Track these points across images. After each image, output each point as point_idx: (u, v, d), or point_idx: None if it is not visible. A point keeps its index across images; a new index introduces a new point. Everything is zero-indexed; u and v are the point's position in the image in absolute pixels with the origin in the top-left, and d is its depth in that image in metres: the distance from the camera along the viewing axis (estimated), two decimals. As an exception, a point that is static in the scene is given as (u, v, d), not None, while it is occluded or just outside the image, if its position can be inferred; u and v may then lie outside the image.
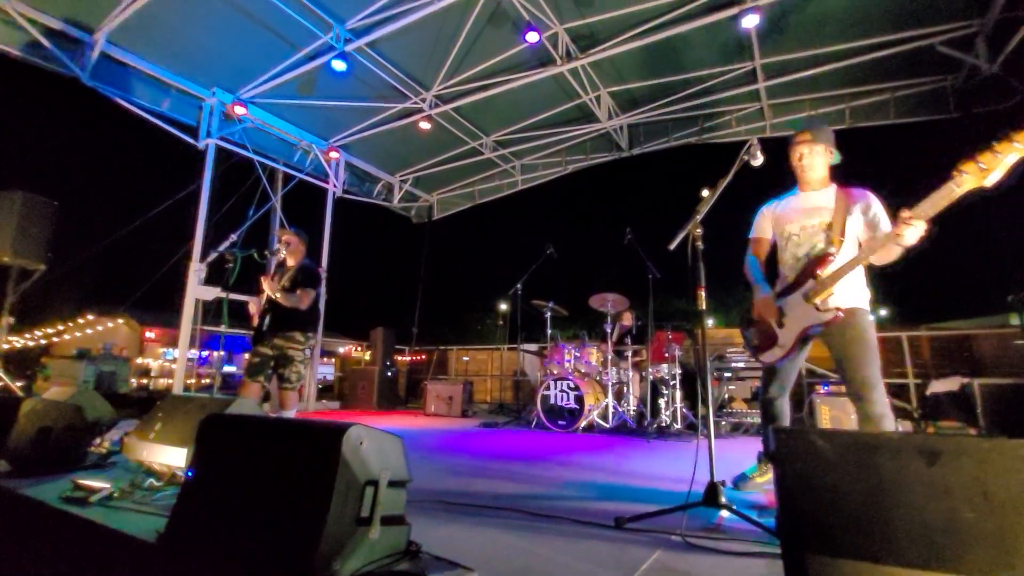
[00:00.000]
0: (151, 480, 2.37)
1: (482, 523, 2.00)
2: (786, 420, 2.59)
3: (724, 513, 2.00)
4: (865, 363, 2.18)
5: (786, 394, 2.57)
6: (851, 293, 2.30)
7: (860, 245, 2.33)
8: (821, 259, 2.31)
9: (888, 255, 2.14)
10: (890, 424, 2.13)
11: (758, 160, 2.43)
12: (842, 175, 2.58)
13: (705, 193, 2.27)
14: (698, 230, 2.21)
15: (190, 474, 1.58)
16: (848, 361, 2.23)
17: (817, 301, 2.26)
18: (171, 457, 2.35)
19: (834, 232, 2.33)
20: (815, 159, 2.47)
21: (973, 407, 5.48)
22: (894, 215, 2.03)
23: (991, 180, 1.76)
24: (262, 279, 3.76)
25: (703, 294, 2.20)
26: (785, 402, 2.58)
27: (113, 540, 1.68)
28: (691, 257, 2.20)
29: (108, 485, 2.20)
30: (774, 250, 2.66)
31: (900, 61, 6.33)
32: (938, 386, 5.98)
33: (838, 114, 7.39)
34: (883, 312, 27.99)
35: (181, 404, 2.58)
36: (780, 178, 2.69)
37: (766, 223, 2.66)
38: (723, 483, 2.03)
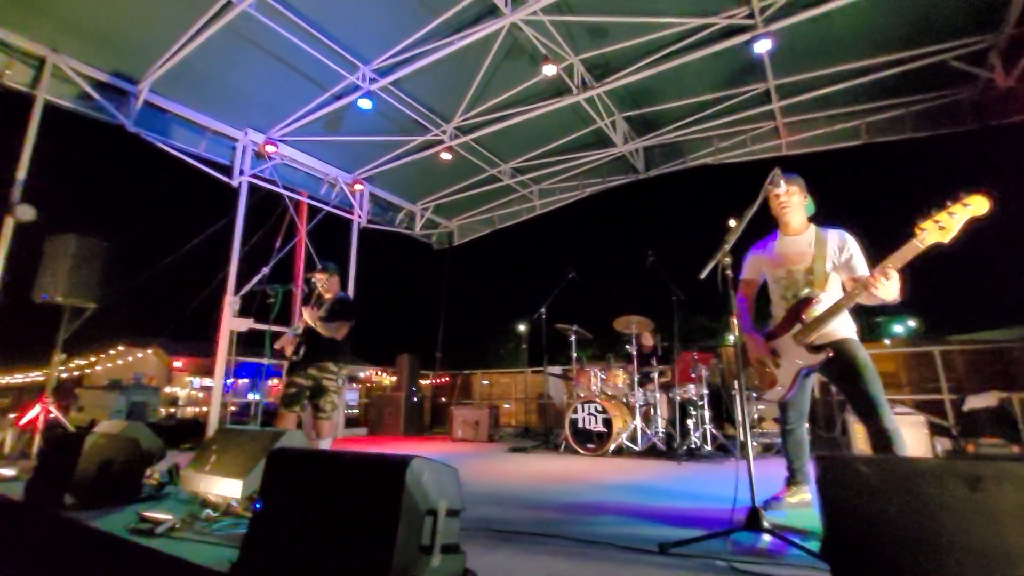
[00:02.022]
0: (208, 511, 2.49)
1: (529, 550, 2.06)
2: (806, 445, 2.73)
3: (767, 537, 2.03)
4: (867, 382, 2.29)
5: (804, 420, 2.70)
6: (838, 327, 2.44)
7: (843, 286, 2.49)
8: (806, 303, 2.47)
9: (874, 299, 2.25)
10: (901, 438, 2.21)
11: (781, 188, 2.52)
12: (862, 193, 2.70)
13: (732, 223, 2.35)
14: (727, 259, 2.29)
15: (258, 506, 1.68)
16: (850, 385, 2.36)
17: (807, 342, 2.42)
18: (227, 488, 2.46)
19: (816, 276, 2.49)
20: (793, 202, 2.61)
21: (1015, 423, 5.36)
22: (873, 250, 2.19)
23: (949, 238, 1.97)
24: (303, 309, 3.92)
25: (736, 322, 2.28)
26: (804, 428, 2.71)
27: (186, 571, 1.78)
28: (722, 286, 2.28)
29: (170, 516, 2.32)
30: (764, 288, 2.82)
31: (915, 76, 6.36)
32: (975, 401, 5.85)
33: (854, 130, 7.43)
34: (911, 323, 27.34)
35: (234, 437, 2.71)
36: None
37: (756, 266, 2.82)
38: (765, 508, 2.07)
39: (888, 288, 2.12)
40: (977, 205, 1.94)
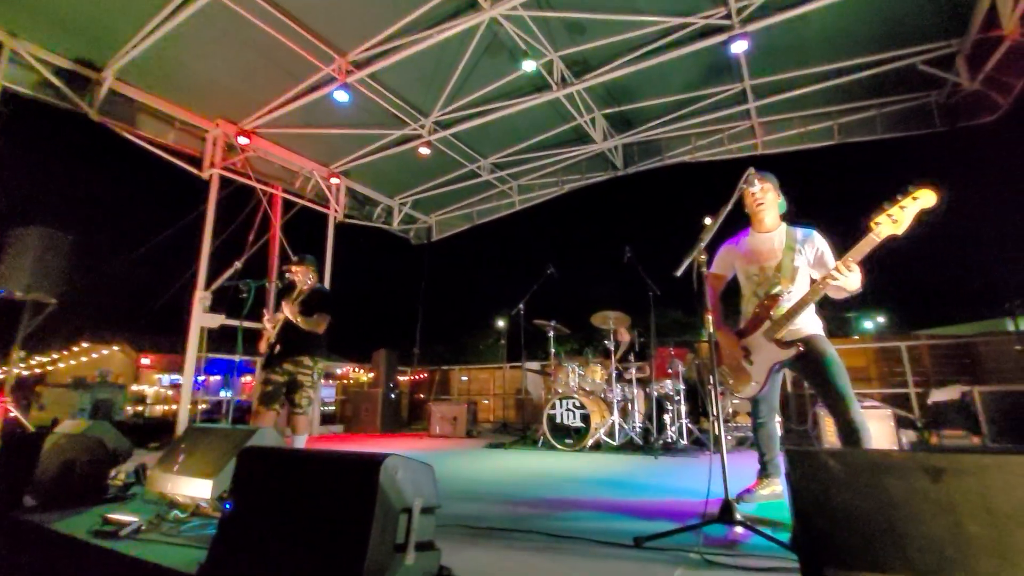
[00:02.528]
0: (176, 512, 2.42)
1: (505, 546, 2.06)
2: (777, 438, 2.81)
3: (739, 529, 2.06)
4: (836, 376, 2.37)
5: (775, 414, 2.78)
6: (806, 324, 2.51)
7: (812, 281, 2.56)
8: (773, 299, 2.54)
9: (840, 292, 2.33)
10: (867, 431, 2.28)
11: (756, 187, 2.56)
12: (833, 193, 2.77)
13: (707, 221, 2.38)
14: (703, 256, 2.31)
15: (228, 506, 1.64)
16: (819, 379, 2.43)
17: (777, 338, 2.49)
18: (196, 489, 2.39)
19: (783, 274, 2.56)
20: (767, 199, 2.67)
21: (975, 415, 5.56)
22: (846, 246, 2.26)
23: (902, 229, 2.09)
24: (283, 304, 3.84)
25: (711, 318, 2.30)
26: (775, 422, 2.79)
27: (151, 574, 1.73)
28: (696, 283, 2.31)
29: (136, 518, 2.25)
30: (733, 284, 2.89)
31: (886, 79, 6.55)
32: (939, 395, 6.07)
33: (827, 130, 7.60)
34: (880, 319, 28.22)
35: (203, 436, 2.64)
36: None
37: (728, 260, 2.87)
38: (737, 500, 2.10)
39: (850, 280, 2.22)
40: (925, 198, 2.05)
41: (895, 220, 2.07)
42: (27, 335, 4.73)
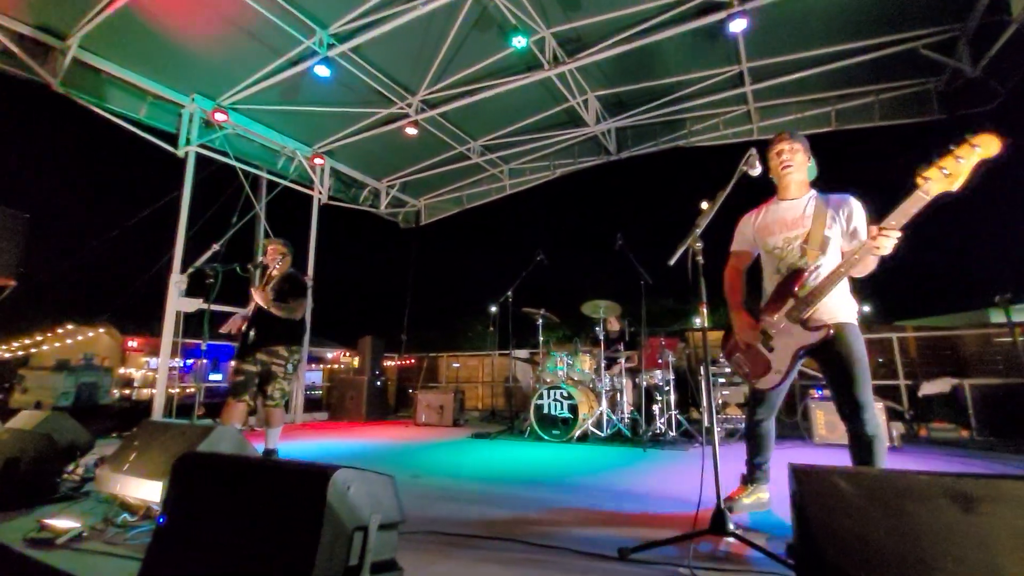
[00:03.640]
0: (124, 516, 2.24)
1: (480, 557, 1.90)
2: (772, 440, 2.51)
3: (731, 540, 1.92)
4: (859, 383, 2.07)
5: (773, 415, 2.48)
6: (839, 307, 2.20)
7: (843, 255, 2.23)
8: (798, 275, 2.22)
9: (866, 267, 2.05)
10: (882, 444, 2.04)
11: (756, 170, 2.37)
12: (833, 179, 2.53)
13: (704, 206, 2.19)
14: (698, 244, 2.13)
15: (162, 520, 1.45)
16: (841, 378, 2.13)
17: (803, 318, 2.17)
18: (145, 491, 2.21)
19: (811, 245, 2.22)
20: (796, 160, 2.35)
21: (964, 408, 5.51)
22: (876, 219, 1.95)
23: (956, 185, 1.74)
24: (253, 291, 3.64)
25: (705, 311, 2.13)
26: (771, 423, 2.49)
27: (80, 591, 1.55)
28: (691, 272, 2.12)
29: (77, 524, 2.07)
30: (756, 262, 2.55)
31: (885, 64, 6.35)
32: (929, 387, 6.01)
33: (824, 116, 7.42)
34: (866, 308, 28.40)
35: (159, 432, 2.45)
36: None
37: (747, 234, 2.53)
38: (729, 508, 1.95)
39: (886, 247, 1.89)
40: (987, 146, 1.69)
41: (948, 174, 1.72)
42: (9, 317, 4.48)
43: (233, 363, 3.80)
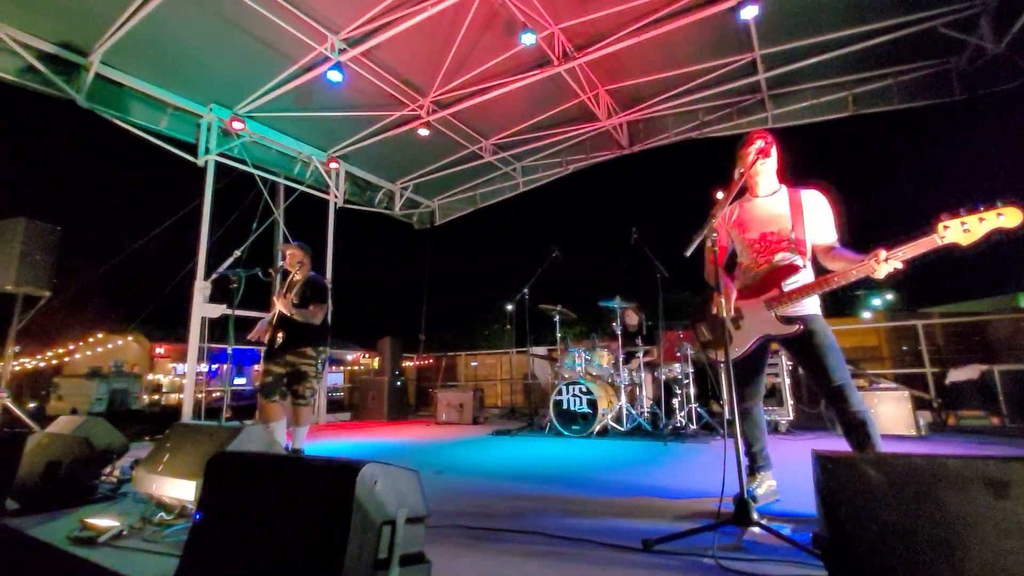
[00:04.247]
0: (161, 514, 2.31)
1: (505, 550, 1.92)
2: (764, 425, 2.59)
3: (756, 530, 1.91)
4: (838, 367, 2.19)
5: (760, 399, 2.55)
6: (809, 301, 2.31)
7: (828, 248, 2.33)
8: (790, 270, 2.31)
9: (849, 280, 2.14)
10: (872, 421, 2.12)
11: (772, 158, 2.35)
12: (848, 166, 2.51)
13: (720, 195, 2.18)
14: (715, 234, 2.12)
15: (198, 517, 1.50)
16: (817, 366, 2.23)
17: (778, 311, 2.28)
18: (180, 490, 2.28)
19: (797, 243, 2.34)
20: (769, 163, 2.43)
21: (995, 395, 5.37)
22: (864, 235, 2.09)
23: (969, 241, 1.83)
24: (275, 298, 3.73)
25: (724, 301, 2.12)
26: (760, 409, 2.56)
27: (122, 587, 1.61)
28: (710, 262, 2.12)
29: (117, 523, 2.14)
30: (732, 256, 2.66)
31: (902, 45, 6.20)
32: (957, 375, 5.87)
33: (841, 101, 7.27)
34: (889, 296, 27.72)
35: (189, 434, 2.52)
36: (790, 173, 2.61)
37: (723, 231, 2.60)
38: (753, 498, 1.95)
39: (883, 272, 2.00)
40: (1010, 217, 1.77)
41: (967, 231, 1.81)
42: (38, 327, 4.64)
43: (261, 365, 3.89)
